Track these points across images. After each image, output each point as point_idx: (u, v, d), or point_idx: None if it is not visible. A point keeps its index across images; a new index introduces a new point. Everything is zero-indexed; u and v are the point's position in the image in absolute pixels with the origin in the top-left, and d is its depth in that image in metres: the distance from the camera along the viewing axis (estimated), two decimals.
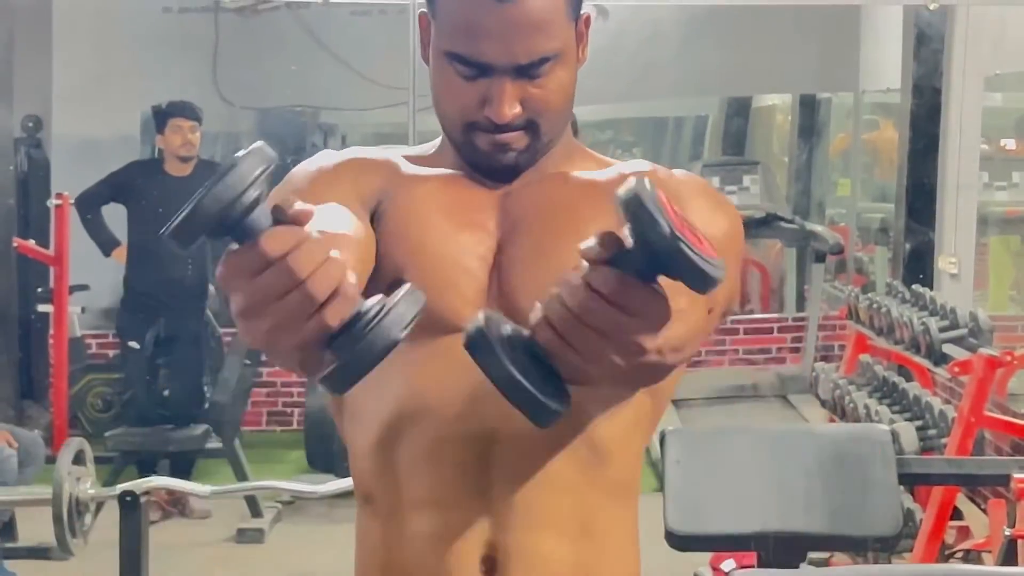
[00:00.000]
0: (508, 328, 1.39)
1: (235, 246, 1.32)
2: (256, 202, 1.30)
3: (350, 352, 1.33)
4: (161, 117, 6.64)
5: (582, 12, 1.74)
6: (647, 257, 1.31)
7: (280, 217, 1.30)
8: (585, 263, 1.33)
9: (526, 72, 1.69)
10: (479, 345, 1.37)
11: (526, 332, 1.38)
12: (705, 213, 1.73)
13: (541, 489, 1.72)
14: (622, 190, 1.30)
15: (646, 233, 1.29)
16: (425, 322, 1.65)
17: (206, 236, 1.29)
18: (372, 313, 1.34)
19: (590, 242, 1.33)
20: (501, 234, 1.76)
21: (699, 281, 1.30)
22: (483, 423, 1.70)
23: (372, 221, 1.74)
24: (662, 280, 1.35)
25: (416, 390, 1.72)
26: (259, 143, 1.31)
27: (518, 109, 1.70)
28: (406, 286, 1.38)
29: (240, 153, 1.30)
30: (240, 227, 1.30)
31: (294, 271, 1.27)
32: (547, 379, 1.38)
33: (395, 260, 1.72)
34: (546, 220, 1.75)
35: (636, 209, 1.29)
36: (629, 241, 1.32)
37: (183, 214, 1.28)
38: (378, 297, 1.37)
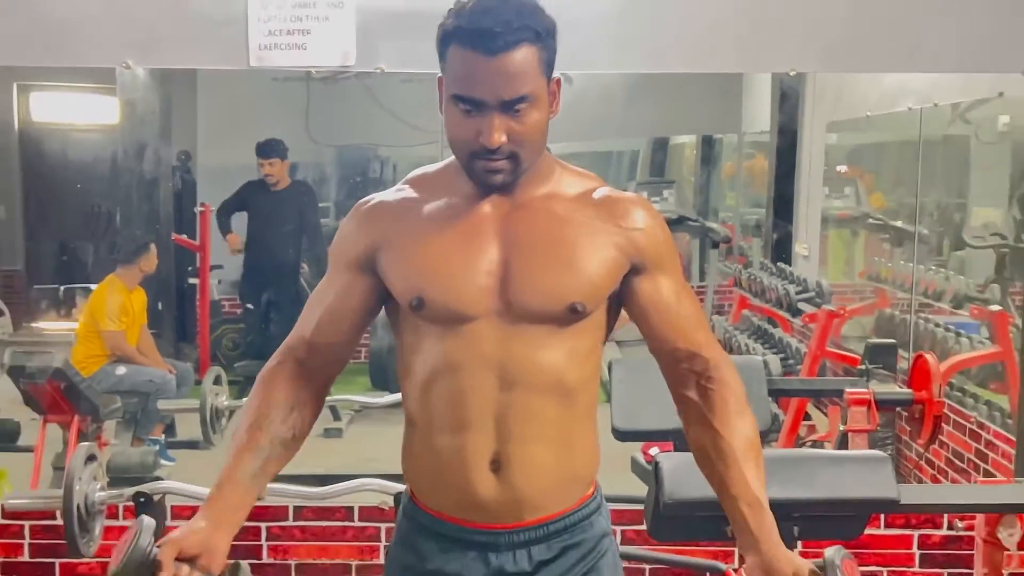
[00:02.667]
0: None
1: None
2: (145, 561, 1.55)
3: None
4: (256, 154, 6.70)
5: (554, 75, 1.70)
6: None
7: (155, 571, 1.55)
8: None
9: (509, 108, 1.63)
10: None
11: None
12: (651, 227, 1.75)
13: (532, 418, 1.70)
14: (829, 555, 1.61)
15: None
16: (449, 316, 1.69)
17: None
18: None
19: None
20: (503, 248, 1.70)
21: None
22: (491, 379, 1.69)
23: (377, 260, 1.74)
24: None
25: (445, 357, 1.70)
26: (144, 518, 1.62)
27: (504, 138, 1.63)
28: (243, 570, 1.70)
29: (137, 529, 1.58)
30: (150, 568, 1.55)
31: None
32: None
33: (416, 280, 1.70)
34: (537, 239, 1.71)
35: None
36: None
37: (112, 568, 1.57)
38: (227, 571, 1.66)
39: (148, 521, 1.57)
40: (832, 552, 1.57)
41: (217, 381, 4.15)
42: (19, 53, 3.12)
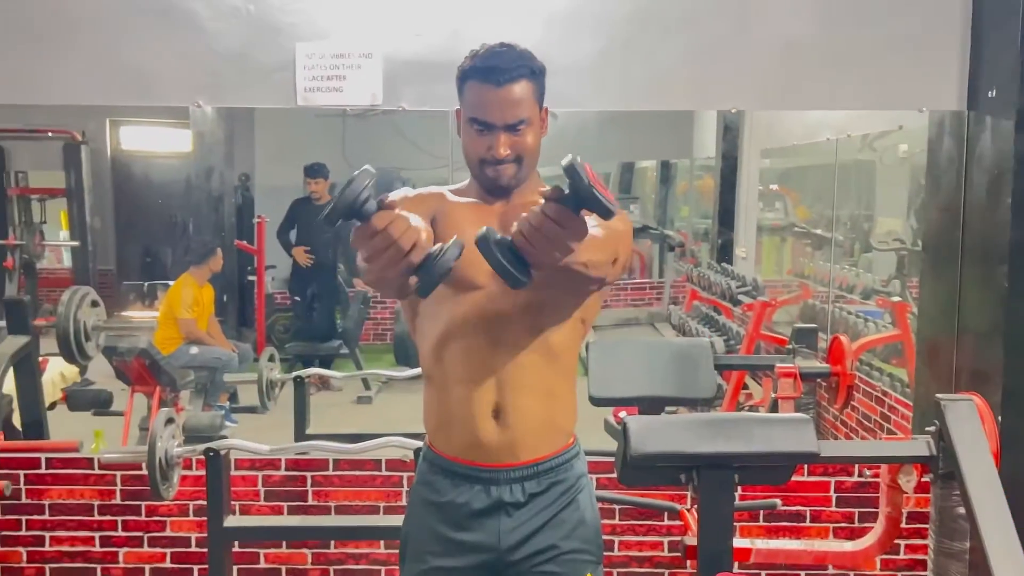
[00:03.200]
0: (499, 235, 1.39)
1: (358, 224, 1.35)
2: (367, 199, 1.33)
3: (427, 275, 1.38)
4: (304, 174, 6.69)
5: (544, 105, 1.75)
6: (575, 198, 1.33)
7: (382, 206, 1.33)
8: (542, 200, 1.36)
9: (512, 128, 1.69)
10: (483, 245, 1.39)
11: (508, 237, 1.38)
12: (616, 221, 1.75)
13: (523, 372, 1.73)
14: (564, 160, 1.33)
15: (576, 185, 1.31)
16: (463, 281, 1.71)
17: (343, 218, 1.33)
18: (435, 254, 1.38)
19: (545, 189, 1.37)
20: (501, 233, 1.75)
21: (604, 212, 1.33)
22: (491, 338, 1.71)
23: (435, 219, 1.74)
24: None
25: (454, 319, 1.73)
26: (366, 166, 1.35)
27: (509, 151, 1.70)
28: (454, 238, 1.41)
29: (356, 172, 1.33)
30: (360, 213, 1.33)
31: (391, 235, 1.34)
32: (519, 263, 1.39)
33: None
34: None
35: (571, 171, 1.31)
36: (566, 190, 1.34)
37: (329, 207, 1.32)
38: (439, 245, 1.39)
39: (369, 169, 1.39)
40: (568, 159, 1.34)
41: (271, 359, 4.15)
42: (112, 94, 3.13)
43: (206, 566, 3.11)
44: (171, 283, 5.96)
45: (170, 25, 3.07)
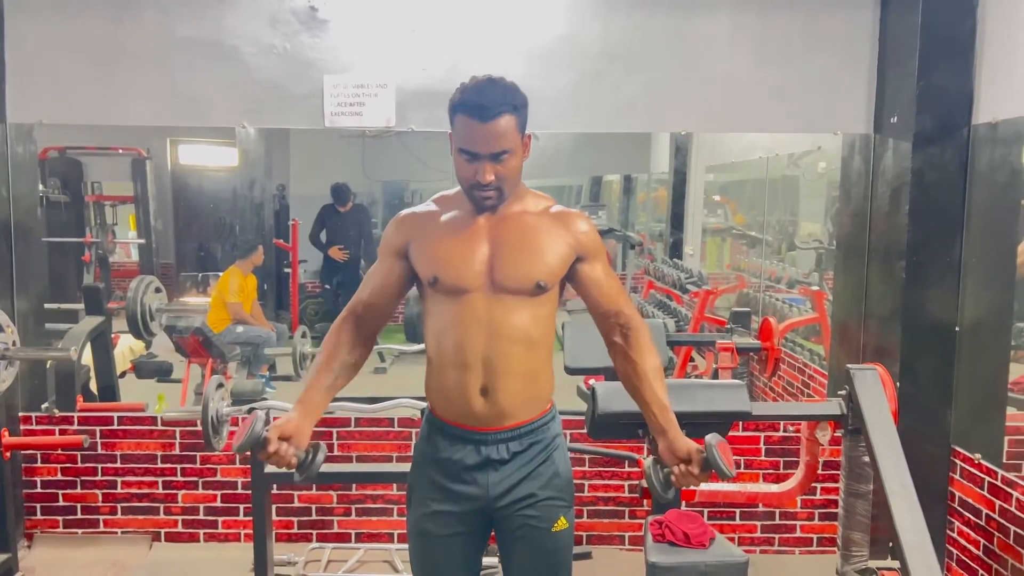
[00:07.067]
0: (663, 471, 1.68)
1: (259, 449, 1.60)
2: (262, 435, 1.59)
3: (299, 476, 1.65)
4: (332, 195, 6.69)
5: (527, 133, 1.69)
6: (709, 465, 1.60)
7: (266, 443, 1.59)
8: (693, 465, 1.63)
9: (496, 157, 1.62)
10: (647, 476, 1.69)
11: (669, 472, 1.67)
12: (588, 232, 1.74)
13: (508, 360, 1.69)
14: (709, 438, 1.60)
15: (712, 459, 1.59)
16: (453, 290, 1.68)
17: (249, 449, 1.59)
18: (306, 463, 1.64)
19: (695, 469, 1.63)
20: (491, 246, 1.69)
21: (725, 478, 1.59)
22: (481, 333, 1.68)
23: (408, 250, 1.72)
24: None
25: (452, 317, 1.69)
26: (260, 414, 1.61)
27: (492, 177, 1.64)
28: (322, 447, 1.67)
29: (256, 420, 1.59)
30: (259, 445, 1.59)
31: (273, 460, 1.61)
32: (669, 487, 1.67)
33: (433, 265, 1.69)
34: (513, 240, 1.70)
35: (711, 452, 1.59)
36: (702, 458, 1.61)
37: (241, 441, 1.58)
38: (310, 450, 1.65)
39: (260, 413, 1.60)
40: (710, 437, 1.59)
41: (303, 336, 4.13)
42: (172, 118, 3.11)
43: (250, 505, 3.10)
44: (221, 273, 5.92)
45: (219, 60, 3.05)
